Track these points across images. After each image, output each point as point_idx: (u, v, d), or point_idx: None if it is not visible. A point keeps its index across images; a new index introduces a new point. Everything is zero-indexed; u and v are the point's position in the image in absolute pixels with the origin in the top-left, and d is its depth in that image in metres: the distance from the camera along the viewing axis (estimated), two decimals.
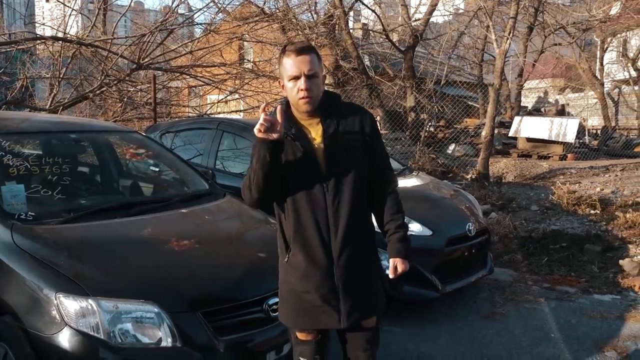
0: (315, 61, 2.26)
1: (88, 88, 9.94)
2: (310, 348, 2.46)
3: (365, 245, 2.39)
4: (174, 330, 2.51)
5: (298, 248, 2.32)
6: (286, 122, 2.28)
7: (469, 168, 10.51)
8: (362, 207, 2.38)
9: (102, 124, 5.10)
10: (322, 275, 2.31)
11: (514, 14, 9.17)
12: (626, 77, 20.86)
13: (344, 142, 2.31)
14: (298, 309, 2.39)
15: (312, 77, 2.24)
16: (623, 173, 9.96)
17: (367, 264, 2.42)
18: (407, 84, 12.77)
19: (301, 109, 2.30)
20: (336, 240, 2.30)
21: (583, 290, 5.09)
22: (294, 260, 2.34)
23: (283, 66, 2.28)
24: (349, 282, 2.33)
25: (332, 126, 2.32)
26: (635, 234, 6.29)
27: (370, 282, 2.42)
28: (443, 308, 4.59)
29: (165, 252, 2.96)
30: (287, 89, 2.29)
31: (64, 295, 2.49)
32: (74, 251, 2.80)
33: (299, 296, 2.37)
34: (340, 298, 2.33)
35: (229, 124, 5.84)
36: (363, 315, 2.41)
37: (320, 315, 2.36)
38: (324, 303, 2.33)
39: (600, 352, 3.88)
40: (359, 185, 2.34)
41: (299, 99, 2.26)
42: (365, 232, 2.40)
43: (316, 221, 2.29)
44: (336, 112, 2.35)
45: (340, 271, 2.31)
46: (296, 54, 2.24)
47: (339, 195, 2.30)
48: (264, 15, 12.27)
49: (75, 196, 3.48)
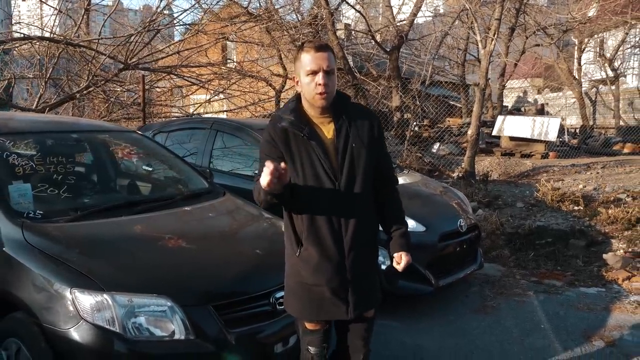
0: (332, 59, 2.34)
1: (74, 88, 9.91)
2: (319, 337, 2.56)
3: (371, 241, 2.50)
4: (186, 323, 2.59)
5: (311, 243, 2.39)
6: (298, 121, 2.35)
7: (454, 166, 10.68)
8: (370, 204, 2.48)
9: (101, 124, 5.14)
10: (333, 269, 2.39)
11: (499, 15, 9.36)
12: (603, 77, 21.26)
13: (355, 140, 2.38)
14: (306, 301, 2.47)
15: (329, 73, 2.31)
16: (604, 170, 10.20)
17: (372, 258, 2.54)
18: (393, 84, 12.90)
19: (317, 104, 2.35)
20: (347, 236, 2.39)
21: (569, 284, 5.26)
22: (305, 254, 2.41)
23: (301, 61, 2.34)
24: (358, 276, 2.43)
25: (343, 125, 2.39)
26: (617, 229, 6.49)
27: (373, 276, 2.55)
28: (436, 302, 4.72)
29: (173, 248, 3.04)
30: (304, 84, 2.34)
31: (79, 291, 2.55)
32: (85, 248, 2.86)
33: (308, 289, 2.45)
34: (349, 291, 2.42)
35: (223, 124, 5.90)
36: (367, 307, 2.51)
37: (328, 307, 2.44)
38: (333, 295, 2.42)
39: (589, 341, 4.04)
40: (368, 183, 2.43)
41: (316, 93, 2.31)
42: (372, 228, 2.51)
43: (329, 218, 2.37)
44: (346, 112, 2.42)
45: (350, 265, 2.41)
46: (315, 50, 2.31)
47: (350, 193, 2.38)
48: (250, 16, 12.30)
49: (81, 195, 3.53)
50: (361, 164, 2.39)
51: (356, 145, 2.38)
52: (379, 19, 18.89)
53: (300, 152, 2.35)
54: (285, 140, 2.36)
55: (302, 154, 2.35)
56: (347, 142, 2.38)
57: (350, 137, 2.38)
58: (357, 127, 2.41)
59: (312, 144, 2.35)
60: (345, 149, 2.37)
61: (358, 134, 2.40)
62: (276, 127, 2.38)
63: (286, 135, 2.36)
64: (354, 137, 2.38)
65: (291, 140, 2.36)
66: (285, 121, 2.37)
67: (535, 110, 21.89)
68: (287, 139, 2.36)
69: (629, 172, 9.75)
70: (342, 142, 2.37)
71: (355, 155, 2.38)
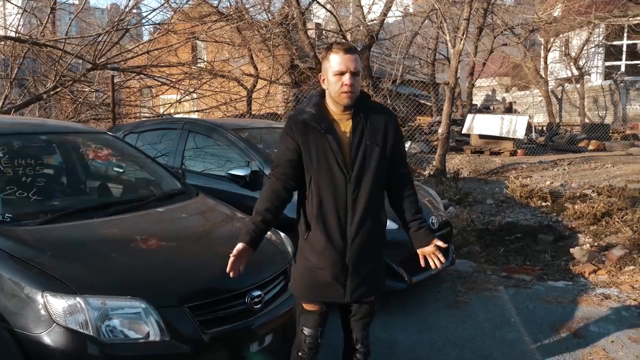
0: (359, 61, 2.51)
1: (41, 89, 9.72)
2: (315, 319, 2.69)
3: (375, 234, 2.61)
4: (161, 325, 2.58)
5: (318, 229, 2.53)
6: (318, 116, 2.52)
7: (425, 164, 10.82)
8: (378, 200, 2.60)
9: (72, 125, 5.04)
10: (336, 255, 2.54)
11: (467, 15, 9.49)
12: (568, 76, 21.73)
13: (370, 138, 2.52)
14: (308, 282, 2.63)
15: (355, 74, 2.47)
16: (570, 167, 10.45)
17: (375, 250, 2.66)
18: (364, 83, 12.98)
19: (342, 102, 2.51)
20: (352, 226, 2.53)
21: (538, 278, 5.38)
22: (313, 239, 2.56)
23: (329, 62, 2.49)
24: (358, 264, 2.57)
25: (360, 122, 2.53)
26: (583, 223, 6.66)
27: (375, 266, 2.66)
28: (410, 298, 4.78)
29: (147, 249, 3.02)
30: (330, 82, 2.49)
31: (51, 294, 2.51)
32: (57, 251, 2.82)
33: (314, 271, 2.59)
34: (348, 276, 2.57)
35: (195, 124, 5.86)
36: (365, 293, 2.65)
37: (329, 290, 2.60)
38: (333, 279, 2.57)
39: (557, 333, 4.14)
40: (378, 180, 2.56)
41: (342, 92, 2.47)
42: (377, 222, 2.62)
43: (336, 208, 2.51)
44: (365, 110, 2.56)
45: (352, 253, 2.55)
46: (344, 52, 2.46)
47: (359, 187, 2.51)
48: (220, 15, 12.24)
49: (51, 197, 3.47)
50: (373, 161, 2.52)
51: (370, 142, 2.52)
52: (350, 18, 18.98)
53: (317, 144, 2.50)
54: (304, 131, 2.52)
55: (319, 146, 2.50)
56: (361, 138, 2.52)
57: (365, 134, 2.52)
58: (372, 125, 2.55)
59: (329, 138, 2.50)
60: (360, 145, 2.51)
61: (373, 132, 2.54)
62: (297, 119, 2.56)
63: (305, 127, 2.52)
64: (368, 135, 2.52)
65: (310, 132, 2.51)
66: (306, 114, 2.55)
67: (504, 109, 22.30)
68: (306, 130, 2.52)
69: (594, 169, 10.01)
70: (357, 138, 2.52)
71: (367, 151, 2.51)
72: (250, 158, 5.12)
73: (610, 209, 6.79)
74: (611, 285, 5.11)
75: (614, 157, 11.53)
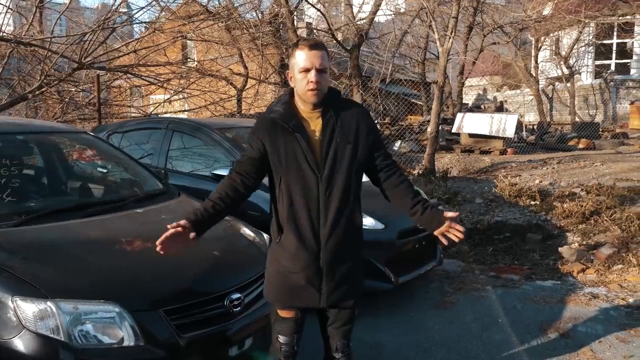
0: (325, 57, 2.42)
1: (27, 88, 9.59)
2: (289, 326, 2.62)
3: (351, 235, 2.52)
4: (136, 329, 2.51)
5: (290, 231, 2.46)
6: (287, 114, 2.44)
7: (415, 164, 10.78)
8: (353, 200, 2.51)
9: (51, 125, 4.96)
10: (309, 258, 2.46)
11: (455, 14, 9.46)
12: (559, 75, 21.79)
13: (340, 136, 2.45)
14: (284, 287, 2.55)
15: (321, 71, 2.39)
16: (559, 166, 10.44)
17: (350, 252, 2.56)
18: (354, 82, 12.93)
19: (309, 100, 2.43)
20: (325, 228, 2.45)
21: (526, 277, 5.35)
22: (285, 242, 2.48)
23: (295, 59, 2.41)
24: (333, 266, 2.49)
25: (331, 120, 2.46)
26: (572, 222, 6.63)
27: (351, 269, 2.57)
28: (397, 299, 4.73)
29: (123, 252, 2.95)
30: (297, 80, 2.42)
31: (21, 298, 2.44)
32: (30, 254, 2.74)
33: (287, 275, 2.51)
34: (323, 280, 2.49)
35: (179, 124, 5.79)
36: (342, 297, 2.56)
37: (303, 294, 2.52)
38: (307, 283, 2.49)
39: (544, 334, 4.10)
40: (351, 179, 2.48)
41: (308, 90, 2.39)
42: (353, 222, 2.53)
43: (308, 208, 2.44)
44: (336, 108, 2.49)
45: (326, 255, 2.47)
46: (310, 49, 2.38)
47: (331, 186, 2.44)
48: (209, 14, 12.14)
49: (27, 198, 3.39)
50: (345, 159, 2.45)
51: (340, 140, 2.45)
52: (342, 17, 18.92)
53: (286, 144, 2.43)
54: (272, 131, 2.45)
55: (287, 145, 2.43)
56: (332, 137, 2.45)
57: (335, 132, 2.45)
58: (343, 122, 2.47)
59: (298, 137, 2.43)
60: (330, 143, 2.44)
61: (344, 129, 2.46)
62: (265, 118, 2.50)
63: (274, 126, 2.45)
64: (339, 133, 2.45)
65: (278, 131, 2.44)
66: (275, 113, 2.48)
67: (495, 108, 22.34)
68: (274, 129, 2.44)
69: (583, 167, 10.01)
70: (328, 136, 2.44)
71: (339, 150, 2.45)
72: (235, 158, 5.04)
73: (599, 208, 6.76)
74: (599, 284, 5.08)
75: (604, 156, 11.54)
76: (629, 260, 5.40)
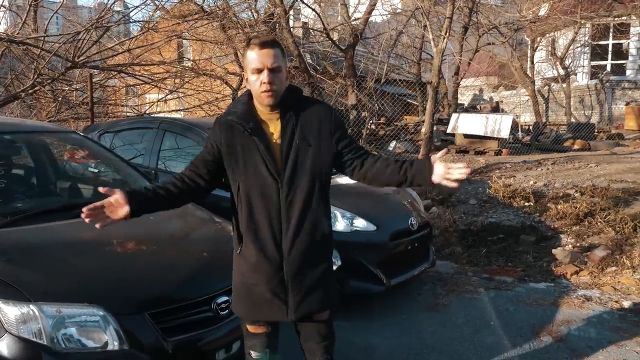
0: (279, 55, 2.27)
1: (19, 87, 9.53)
2: (261, 341, 2.49)
3: (317, 242, 2.38)
4: (120, 333, 2.47)
5: (250, 241, 2.34)
6: (245, 116, 2.31)
7: None
8: (317, 205, 2.36)
9: (39, 124, 4.91)
10: (271, 269, 2.33)
11: (450, 14, 9.43)
12: (555, 75, 21.78)
13: (301, 138, 2.32)
14: (249, 301, 2.42)
15: (275, 70, 2.24)
16: (554, 167, 10.41)
17: (317, 260, 2.41)
18: (349, 82, 12.90)
19: (264, 102, 2.29)
20: (287, 236, 2.32)
21: (519, 279, 5.33)
22: (246, 252, 2.36)
23: (247, 59, 2.28)
24: (298, 277, 2.35)
25: (290, 122, 2.32)
26: (566, 224, 6.61)
27: (320, 278, 2.41)
28: (389, 301, 4.70)
29: (109, 254, 2.91)
30: (250, 82, 2.29)
31: (3, 302, 2.40)
32: (13, 255, 2.70)
33: (250, 288, 2.39)
34: (288, 291, 2.35)
35: (171, 123, 5.76)
36: (312, 309, 2.42)
37: (269, 308, 2.38)
38: (272, 296, 2.35)
39: (537, 337, 4.07)
40: (315, 183, 2.34)
41: (261, 92, 2.25)
42: (318, 229, 2.38)
43: (269, 216, 2.31)
44: (296, 108, 2.35)
45: (290, 266, 2.33)
46: (260, 47, 2.24)
47: (293, 192, 2.31)
48: (204, 13, 12.10)
49: (13, 199, 3.36)
50: (306, 163, 2.32)
51: (300, 142, 2.32)
52: (338, 17, 18.90)
53: (243, 147, 2.31)
54: (229, 133, 2.33)
55: (245, 148, 2.31)
56: (292, 139, 2.31)
57: (295, 135, 2.32)
58: (304, 123, 2.34)
59: (255, 140, 2.30)
60: (290, 146, 2.31)
61: (304, 130, 2.33)
62: (222, 120, 2.38)
63: (231, 128, 2.33)
64: (299, 135, 2.32)
65: (235, 134, 2.32)
66: (232, 115, 2.35)
67: (491, 108, 22.34)
68: (231, 132, 2.33)
69: (578, 168, 9.98)
70: (287, 139, 2.31)
71: (300, 153, 2.31)
72: None
73: (593, 209, 6.74)
74: (593, 286, 5.06)
75: (598, 157, 11.52)
76: (623, 263, 5.38)
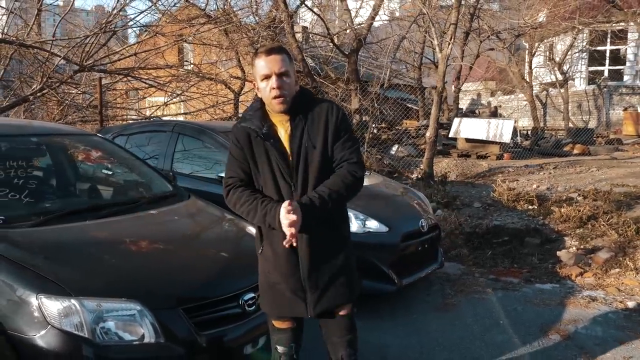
0: (286, 60, 2.34)
1: (27, 90, 9.63)
2: (287, 336, 2.60)
3: (331, 242, 2.47)
4: (156, 327, 2.58)
5: (268, 242, 2.45)
6: (258, 121, 2.39)
7: (413, 168, 10.87)
8: None
9: (59, 127, 5.03)
10: (288, 269, 2.44)
11: (455, 20, 9.57)
12: (553, 80, 21.94)
13: (310, 139, 2.38)
14: (272, 298, 2.54)
15: (282, 75, 2.32)
16: (556, 171, 10.56)
17: (333, 258, 2.48)
18: (352, 87, 13.03)
19: (275, 109, 2.37)
20: (302, 236, 2.38)
21: (526, 280, 5.44)
22: (265, 252, 2.49)
23: (255, 68, 2.36)
24: (314, 275, 2.44)
25: (299, 124, 2.39)
26: (569, 227, 6.74)
27: (337, 274, 2.49)
28: (399, 302, 4.80)
29: (141, 251, 3.03)
30: (261, 89, 2.37)
31: (46, 296, 2.51)
32: (51, 253, 2.81)
33: (272, 286, 2.51)
34: (306, 290, 2.46)
35: (185, 127, 5.86)
36: (331, 304, 2.50)
37: (290, 305, 2.50)
38: (292, 294, 2.47)
39: (545, 335, 4.19)
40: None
41: (272, 98, 2.33)
42: (332, 226, 2.47)
43: None
44: (305, 110, 2.41)
45: (306, 265, 2.43)
46: (266, 54, 2.33)
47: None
48: (208, 18, 12.23)
49: (43, 199, 3.47)
50: (314, 165, 2.39)
51: (308, 146, 2.38)
52: (336, 22, 19.04)
53: (260, 152, 2.40)
54: (247, 140, 2.41)
55: (261, 154, 2.40)
56: (300, 142, 2.38)
57: (304, 138, 2.38)
58: (312, 125, 2.40)
59: (268, 145, 2.38)
60: (300, 149, 2.38)
61: (311, 133, 2.39)
62: (238, 127, 2.45)
63: (247, 135, 2.41)
64: (307, 137, 2.38)
65: (252, 140, 2.40)
66: (247, 122, 2.42)
67: (489, 113, 22.47)
68: (249, 139, 2.41)
69: (580, 172, 10.13)
70: (297, 142, 2.38)
71: (308, 156, 2.38)
72: None
73: (595, 213, 6.88)
74: (597, 287, 5.18)
75: (599, 161, 11.68)
76: (626, 264, 5.50)
